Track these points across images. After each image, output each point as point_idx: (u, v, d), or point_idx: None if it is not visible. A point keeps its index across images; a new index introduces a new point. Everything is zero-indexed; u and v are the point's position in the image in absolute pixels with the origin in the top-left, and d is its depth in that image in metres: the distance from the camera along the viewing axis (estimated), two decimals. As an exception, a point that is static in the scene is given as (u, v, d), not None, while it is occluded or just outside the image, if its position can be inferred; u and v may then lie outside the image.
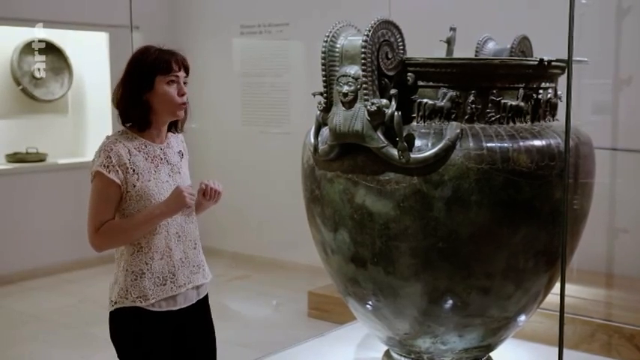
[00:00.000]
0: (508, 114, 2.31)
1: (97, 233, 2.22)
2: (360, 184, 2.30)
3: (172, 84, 2.23)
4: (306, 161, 2.55)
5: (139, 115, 2.22)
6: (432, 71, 2.27)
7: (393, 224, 2.25)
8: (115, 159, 2.17)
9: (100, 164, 2.17)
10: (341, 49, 2.27)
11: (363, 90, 2.21)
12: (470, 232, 2.21)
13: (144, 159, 2.24)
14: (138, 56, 2.23)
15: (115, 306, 2.29)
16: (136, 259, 2.26)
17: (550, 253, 2.36)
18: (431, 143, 2.22)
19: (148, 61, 2.20)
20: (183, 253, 2.35)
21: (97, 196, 2.21)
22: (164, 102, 2.22)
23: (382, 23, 2.22)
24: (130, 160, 2.20)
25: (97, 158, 2.19)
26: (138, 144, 2.24)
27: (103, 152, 2.19)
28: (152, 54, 2.22)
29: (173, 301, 2.32)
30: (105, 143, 2.21)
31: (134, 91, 2.19)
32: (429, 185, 2.19)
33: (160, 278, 2.28)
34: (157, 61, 2.20)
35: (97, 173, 2.19)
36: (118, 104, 2.25)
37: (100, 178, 2.19)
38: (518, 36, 2.87)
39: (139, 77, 2.19)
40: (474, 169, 2.18)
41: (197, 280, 2.41)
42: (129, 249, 2.26)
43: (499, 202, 2.19)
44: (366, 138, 2.23)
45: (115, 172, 2.18)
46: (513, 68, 2.29)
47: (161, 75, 2.20)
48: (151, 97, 2.20)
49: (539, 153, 2.23)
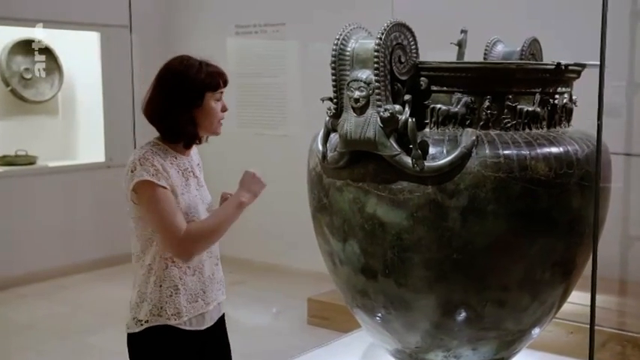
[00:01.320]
0: (524, 120, 2.23)
1: (187, 241, 2.08)
2: (371, 193, 2.21)
3: (218, 100, 2.19)
4: (313, 168, 2.46)
5: (186, 131, 2.15)
6: (446, 76, 2.19)
7: (405, 235, 2.17)
8: (160, 167, 2.09)
9: (147, 174, 2.06)
10: (352, 53, 2.18)
11: (375, 95, 2.12)
12: (486, 243, 2.13)
13: (176, 172, 2.15)
14: (184, 70, 2.13)
15: (146, 325, 2.15)
16: (170, 274, 2.15)
17: (566, 263, 2.29)
18: (446, 151, 2.14)
19: (199, 78, 2.12)
20: (210, 269, 2.28)
21: (161, 205, 2.07)
22: (209, 118, 2.17)
23: (395, 26, 2.13)
24: (168, 173, 2.11)
25: (138, 170, 2.07)
26: (169, 157, 2.16)
27: (141, 163, 2.07)
28: (202, 70, 2.14)
29: (202, 319, 2.24)
30: (140, 155, 2.10)
31: (183, 106, 2.12)
32: (443, 194, 2.11)
33: (192, 295, 2.19)
34: (208, 79, 2.14)
35: (146, 184, 2.06)
36: (159, 118, 2.15)
37: (152, 188, 2.07)
38: (528, 38, 2.79)
39: (189, 93, 2.11)
40: (491, 177, 2.10)
41: (220, 297, 2.35)
42: (161, 264, 2.14)
43: (516, 212, 2.11)
44: (379, 145, 2.14)
45: (164, 179, 2.09)
46: (530, 73, 2.22)
47: (211, 92, 2.15)
48: (198, 112, 2.14)
49: (558, 160, 2.15)
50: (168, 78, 2.13)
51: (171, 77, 2.12)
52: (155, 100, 2.14)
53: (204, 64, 2.14)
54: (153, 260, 2.13)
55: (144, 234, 2.14)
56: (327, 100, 2.28)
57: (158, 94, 2.13)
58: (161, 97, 2.12)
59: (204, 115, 2.14)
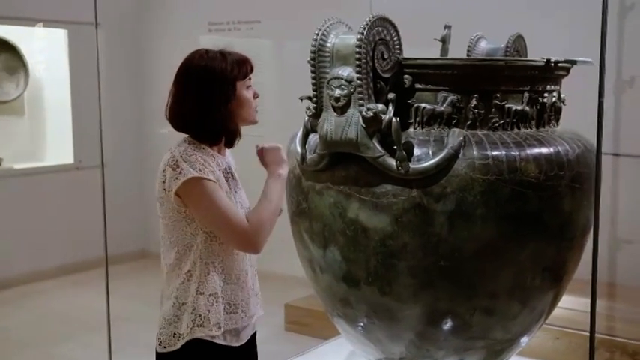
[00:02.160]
0: (512, 119, 2.14)
1: (254, 231, 1.91)
2: (354, 197, 2.10)
3: (249, 88, 2.03)
4: (291, 171, 2.34)
5: (228, 127, 1.98)
6: (432, 73, 2.08)
7: (390, 241, 2.06)
8: (202, 161, 1.91)
9: (194, 170, 1.87)
10: (332, 49, 2.06)
11: (357, 94, 2.01)
12: (474, 248, 2.03)
13: (218, 170, 1.96)
14: (209, 64, 1.94)
15: (188, 337, 1.93)
16: (212, 280, 1.95)
17: (557, 268, 2.20)
18: (431, 152, 2.03)
19: (227, 69, 1.94)
20: (252, 278, 2.11)
21: (218, 199, 1.88)
22: (245, 108, 2.01)
23: (377, 20, 2.02)
24: (212, 166, 1.93)
25: (183, 167, 1.87)
26: (208, 155, 1.96)
27: (185, 159, 1.88)
28: (227, 60, 1.96)
29: (237, 335, 2.03)
30: (180, 152, 1.91)
31: (219, 102, 1.94)
32: (429, 198, 2.01)
33: (230, 305, 1.99)
34: (236, 67, 1.97)
35: (195, 181, 1.86)
36: (194, 120, 1.96)
37: (203, 184, 1.87)
38: (512, 34, 2.70)
39: (222, 86, 1.94)
40: (479, 180, 2.00)
41: (259, 311, 2.16)
42: (203, 269, 1.93)
43: (506, 216, 2.02)
44: (361, 147, 2.03)
45: (212, 174, 1.91)
46: (519, 70, 2.12)
47: (240, 80, 1.98)
48: (233, 105, 1.97)
49: (548, 162, 2.06)
50: (194, 75, 1.94)
51: (196, 74, 1.93)
52: (184, 103, 1.95)
53: (226, 54, 1.98)
54: (193, 266, 1.94)
55: (181, 239, 1.94)
56: (305, 99, 2.16)
57: (187, 96, 1.94)
58: (191, 97, 1.94)
59: (240, 106, 1.98)
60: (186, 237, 1.94)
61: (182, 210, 1.91)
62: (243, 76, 1.98)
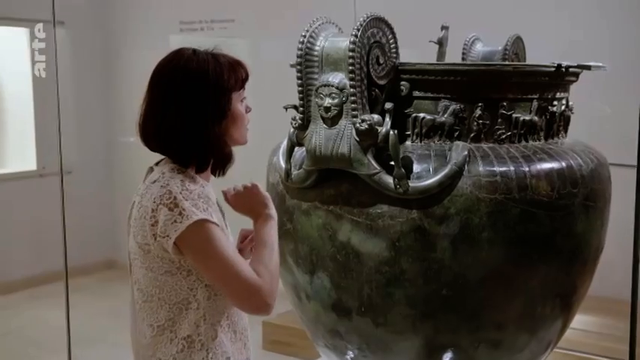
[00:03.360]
0: (520, 131, 1.94)
1: (265, 288, 1.49)
2: (345, 218, 1.88)
3: (243, 101, 1.61)
4: (273, 186, 2.11)
5: (222, 151, 1.57)
6: (432, 80, 1.87)
7: (386, 267, 1.85)
8: (205, 199, 1.50)
9: (199, 210, 1.46)
10: (321, 53, 1.84)
11: (350, 103, 1.78)
12: (480, 275, 1.83)
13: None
14: (199, 69, 1.51)
15: None
16: (220, 344, 1.56)
17: (568, 294, 2.01)
18: (433, 168, 1.82)
19: (223, 75, 1.52)
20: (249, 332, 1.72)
21: (225, 249, 1.48)
22: (238, 126, 1.58)
23: (372, 20, 1.80)
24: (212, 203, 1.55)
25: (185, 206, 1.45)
26: (199, 185, 1.54)
27: (185, 197, 1.46)
28: (220, 63, 1.54)
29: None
30: (177, 185, 1.48)
31: (215, 118, 1.52)
32: (431, 220, 1.80)
33: (235, 333, 1.61)
34: (232, 75, 1.54)
35: (201, 224, 1.45)
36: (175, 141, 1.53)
37: (209, 228, 1.47)
38: (511, 36, 2.51)
39: (217, 98, 1.52)
40: (486, 200, 1.79)
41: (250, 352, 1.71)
42: (209, 332, 1.55)
43: (515, 239, 1.82)
44: (354, 163, 1.81)
45: (215, 215, 1.51)
46: (528, 76, 1.91)
47: (237, 91, 1.57)
48: (226, 122, 1.55)
49: (560, 178, 1.86)
50: (179, 82, 1.51)
51: (182, 80, 1.50)
52: (164, 117, 1.52)
53: (219, 57, 1.55)
54: (195, 330, 1.52)
55: (175, 295, 1.52)
56: (291, 108, 1.93)
57: (168, 108, 1.51)
58: (175, 110, 1.51)
59: (234, 123, 1.56)
60: (181, 292, 1.52)
61: (177, 259, 1.50)
62: (240, 86, 1.57)
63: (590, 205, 1.92)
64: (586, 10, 3.21)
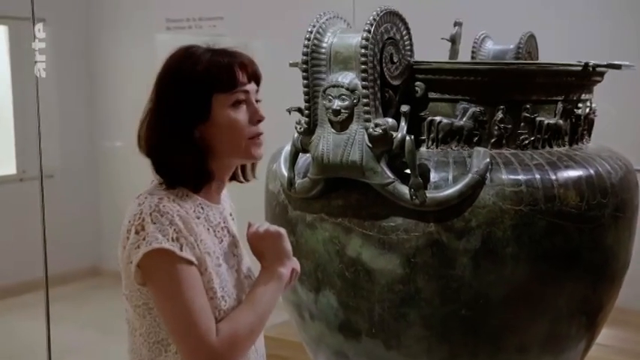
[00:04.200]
0: (544, 135, 1.78)
1: (220, 350, 1.26)
2: (355, 232, 1.72)
3: (239, 105, 1.34)
4: (274, 197, 1.94)
5: (192, 166, 1.33)
6: (449, 80, 1.71)
7: (399, 286, 1.70)
8: (182, 226, 1.27)
9: (163, 237, 1.24)
10: (329, 50, 1.67)
11: (361, 106, 1.62)
12: (503, 294, 1.68)
13: (206, 230, 1.35)
14: (177, 65, 1.33)
15: None
16: None
17: (594, 312, 1.87)
18: (452, 177, 1.66)
19: (196, 72, 1.30)
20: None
21: (183, 292, 1.25)
22: (229, 136, 1.34)
23: (386, 15, 1.64)
24: (195, 235, 1.31)
25: (149, 229, 1.25)
26: (194, 205, 1.34)
27: (154, 218, 1.25)
28: (201, 59, 1.32)
29: None
30: (152, 203, 1.27)
31: (180, 124, 1.31)
32: (450, 234, 1.64)
33: None
34: (212, 70, 1.31)
35: (161, 255, 1.24)
36: (152, 149, 1.35)
37: (170, 262, 1.25)
38: (524, 33, 2.36)
39: (186, 100, 1.31)
40: (510, 211, 1.64)
41: None
42: None
43: (542, 254, 1.67)
44: (366, 171, 1.64)
45: (189, 247, 1.28)
46: (553, 76, 1.76)
47: (220, 92, 1.32)
48: (207, 130, 1.33)
49: (590, 187, 1.71)
50: (162, 83, 1.34)
51: (160, 80, 1.34)
52: (144, 124, 1.36)
53: (210, 51, 1.35)
54: None
55: (154, 333, 1.33)
56: (295, 111, 1.76)
57: (151, 113, 1.35)
58: (154, 115, 1.34)
59: (219, 133, 1.33)
60: (160, 332, 1.32)
61: (145, 291, 1.30)
62: (227, 87, 1.32)
63: (619, 216, 1.77)
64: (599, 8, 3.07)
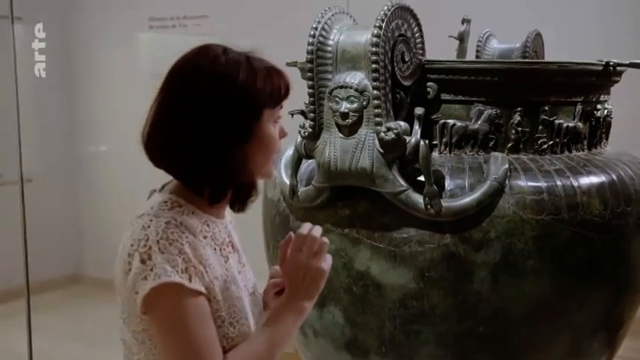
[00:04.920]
0: (563, 139, 1.67)
1: None
2: (363, 244, 1.60)
3: (277, 122, 1.24)
4: (273, 205, 1.81)
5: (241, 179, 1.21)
6: (464, 80, 1.60)
7: (412, 302, 1.58)
8: (191, 254, 1.15)
9: (173, 270, 1.12)
10: (335, 49, 1.55)
11: (372, 108, 1.49)
12: (524, 310, 1.57)
13: (213, 253, 1.22)
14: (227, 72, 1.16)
15: None
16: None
17: (616, 327, 1.77)
18: (468, 184, 1.54)
19: (256, 84, 1.16)
20: None
21: (191, 326, 1.14)
22: (267, 152, 1.23)
23: (397, 10, 1.51)
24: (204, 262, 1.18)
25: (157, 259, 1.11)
26: (200, 224, 1.21)
27: (162, 248, 1.12)
28: (255, 70, 1.18)
29: None
30: (158, 229, 1.14)
31: (237, 138, 1.17)
32: (467, 246, 1.53)
33: None
34: (269, 86, 1.18)
35: (171, 288, 1.11)
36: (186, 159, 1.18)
37: (179, 296, 1.13)
38: (531, 31, 2.26)
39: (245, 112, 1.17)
40: (532, 221, 1.53)
41: None
42: None
43: (565, 267, 1.56)
44: (377, 179, 1.52)
45: (198, 276, 1.15)
46: (574, 76, 1.65)
47: (270, 108, 1.20)
48: (250, 145, 1.19)
49: (614, 194, 1.60)
50: (199, 87, 1.17)
51: (203, 85, 1.17)
52: (175, 130, 1.18)
53: (256, 61, 1.20)
54: None
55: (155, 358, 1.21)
56: (298, 114, 1.64)
57: (179, 119, 1.18)
58: (188, 122, 1.17)
59: (261, 148, 1.21)
60: (160, 358, 1.19)
61: (146, 322, 1.16)
62: (275, 102, 1.21)
63: (643, 225, 1.67)
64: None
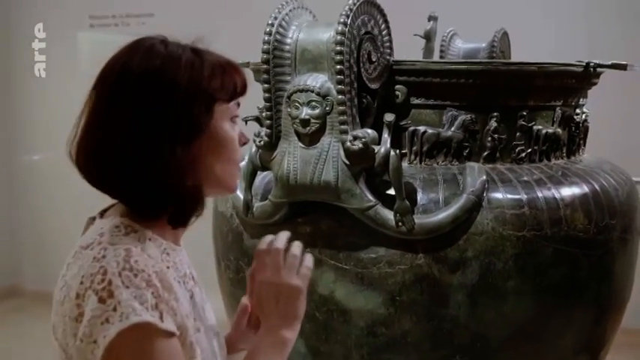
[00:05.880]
0: (542, 146, 1.54)
1: None
2: (326, 265, 1.44)
3: (235, 120, 1.03)
4: (225, 221, 1.64)
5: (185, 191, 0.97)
6: (436, 82, 1.45)
7: (382, 329, 1.44)
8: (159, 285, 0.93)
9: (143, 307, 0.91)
10: (294, 48, 1.38)
11: (337, 115, 1.33)
12: (504, 335, 1.45)
13: (177, 283, 1.00)
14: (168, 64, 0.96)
15: None
16: None
17: (598, 347, 1.65)
18: (442, 198, 1.39)
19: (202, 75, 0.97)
20: None
21: None
22: (224, 156, 1.01)
23: (363, 5, 1.35)
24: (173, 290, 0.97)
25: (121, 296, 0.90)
26: (159, 252, 1.00)
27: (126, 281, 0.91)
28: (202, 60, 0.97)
29: None
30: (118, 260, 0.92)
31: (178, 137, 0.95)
32: (442, 267, 1.39)
33: None
34: (218, 75, 0.99)
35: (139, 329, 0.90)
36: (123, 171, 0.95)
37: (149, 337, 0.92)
38: (498, 30, 2.15)
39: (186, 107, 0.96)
40: (512, 238, 1.39)
41: None
42: None
43: (547, 286, 1.45)
44: (342, 194, 1.36)
45: (170, 314, 0.94)
46: (554, 77, 1.52)
47: (224, 102, 1.00)
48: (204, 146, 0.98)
49: (598, 207, 1.48)
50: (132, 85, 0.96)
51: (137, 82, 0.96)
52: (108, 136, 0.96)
53: (203, 53, 0.98)
54: None
55: None
56: (252, 120, 1.46)
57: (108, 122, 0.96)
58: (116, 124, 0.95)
59: (215, 147, 1.00)
60: None
61: None
62: (230, 97, 1.01)
63: (627, 240, 1.56)
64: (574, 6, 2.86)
